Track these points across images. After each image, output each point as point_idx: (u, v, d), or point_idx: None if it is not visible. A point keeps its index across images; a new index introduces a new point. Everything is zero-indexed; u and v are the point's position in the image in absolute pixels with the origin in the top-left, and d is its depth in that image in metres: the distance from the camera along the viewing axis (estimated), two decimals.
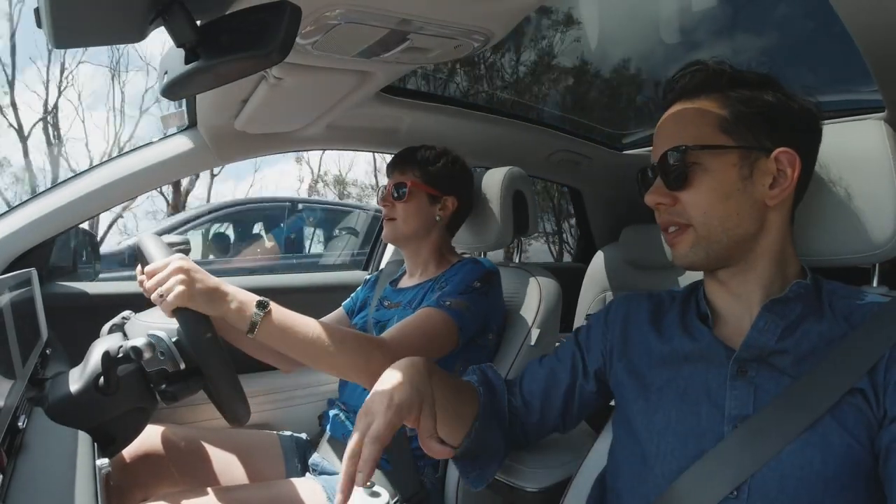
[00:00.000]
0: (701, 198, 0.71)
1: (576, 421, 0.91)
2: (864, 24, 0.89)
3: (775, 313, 0.71)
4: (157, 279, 0.91)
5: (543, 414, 0.88)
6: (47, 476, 0.64)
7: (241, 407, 0.93)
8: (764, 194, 0.70)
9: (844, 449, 0.61)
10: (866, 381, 0.62)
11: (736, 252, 0.72)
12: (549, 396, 0.88)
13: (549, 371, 0.89)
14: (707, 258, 0.73)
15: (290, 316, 0.97)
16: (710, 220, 0.71)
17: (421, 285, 1.32)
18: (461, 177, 1.38)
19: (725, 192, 0.70)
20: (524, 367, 0.94)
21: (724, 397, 0.70)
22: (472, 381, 0.88)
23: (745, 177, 0.70)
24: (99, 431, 0.85)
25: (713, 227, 0.71)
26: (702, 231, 0.71)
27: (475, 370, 0.90)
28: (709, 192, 0.70)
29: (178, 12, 0.59)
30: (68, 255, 1.68)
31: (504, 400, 0.88)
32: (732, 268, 0.74)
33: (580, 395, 0.87)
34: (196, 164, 1.61)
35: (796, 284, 0.72)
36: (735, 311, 0.76)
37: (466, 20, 0.95)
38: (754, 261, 0.73)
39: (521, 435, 0.91)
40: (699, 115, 0.72)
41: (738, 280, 0.75)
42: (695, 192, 0.71)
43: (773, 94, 0.72)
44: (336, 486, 1.13)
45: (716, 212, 0.70)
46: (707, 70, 0.74)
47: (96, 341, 0.97)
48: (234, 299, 0.93)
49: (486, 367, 0.92)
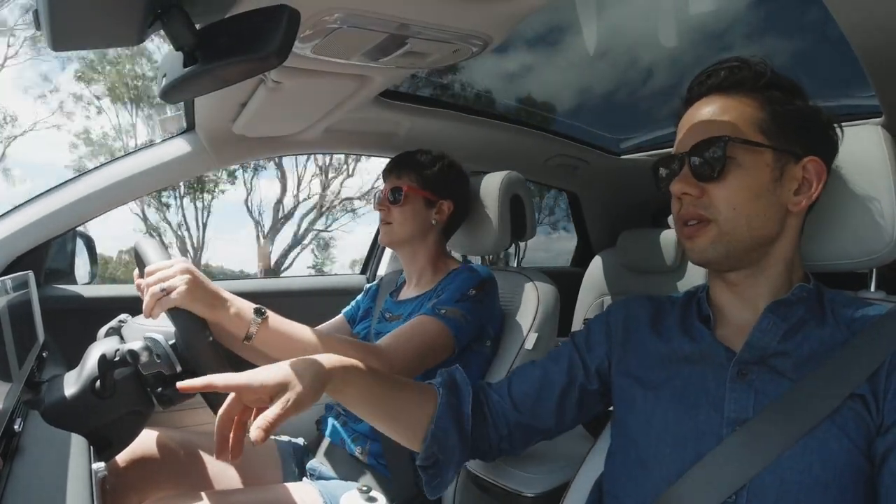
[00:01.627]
0: (732, 193, 0.70)
1: (570, 424, 0.88)
2: (861, 29, 0.90)
3: (778, 315, 0.71)
4: (162, 275, 0.92)
5: (535, 415, 0.86)
6: (43, 479, 0.63)
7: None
8: (788, 199, 0.71)
9: (844, 454, 0.61)
10: (866, 387, 0.62)
11: (754, 253, 0.72)
12: (542, 397, 0.86)
13: (542, 372, 0.87)
14: (726, 256, 0.72)
15: (286, 324, 0.97)
16: (738, 217, 0.70)
17: (420, 298, 1.33)
18: (457, 181, 1.39)
19: (757, 190, 0.70)
20: (514, 371, 0.92)
21: (723, 400, 0.69)
22: (434, 383, 0.86)
23: (775, 178, 0.70)
24: (95, 435, 0.85)
25: (739, 225, 0.70)
26: (726, 227, 0.70)
27: (442, 373, 0.88)
28: (741, 189, 0.70)
29: (177, 15, 0.59)
30: (65, 259, 1.68)
31: (468, 402, 0.84)
32: (744, 270, 0.74)
33: (580, 396, 0.85)
34: (194, 168, 1.61)
35: (799, 287, 0.72)
36: (739, 314, 0.76)
37: (465, 25, 0.96)
38: (767, 265, 0.73)
39: (506, 438, 0.87)
40: (739, 111, 0.72)
41: (748, 283, 0.75)
42: (727, 186, 0.70)
43: (804, 102, 0.73)
44: (334, 492, 1.13)
45: (745, 209, 0.70)
46: (749, 68, 0.73)
47: (93, 345, 0.96)
48: (233, 305, 0.94)
49: (455, 370, 0.89)
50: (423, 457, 0.81)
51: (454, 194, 1.37)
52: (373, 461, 1.24)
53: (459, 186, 1.39)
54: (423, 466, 0.81)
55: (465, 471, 1.25)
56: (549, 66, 1.85)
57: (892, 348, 0.63)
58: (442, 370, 0.89)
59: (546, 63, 1.86)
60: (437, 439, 0.80)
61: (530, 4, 0.92)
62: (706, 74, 0.76)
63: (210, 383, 0.69)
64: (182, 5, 0.59)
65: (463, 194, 1.41)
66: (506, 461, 1.21)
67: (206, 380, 0.70)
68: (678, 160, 0.75)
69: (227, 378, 0.69)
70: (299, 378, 0.69)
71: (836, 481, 0.61)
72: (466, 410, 0.83)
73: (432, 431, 0.80)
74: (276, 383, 0.68)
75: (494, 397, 0.87)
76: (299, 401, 0.67)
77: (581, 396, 0.85)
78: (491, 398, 0.87)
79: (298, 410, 0.67)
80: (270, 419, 0.64)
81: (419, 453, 0.81)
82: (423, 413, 0.82)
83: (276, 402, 0.66)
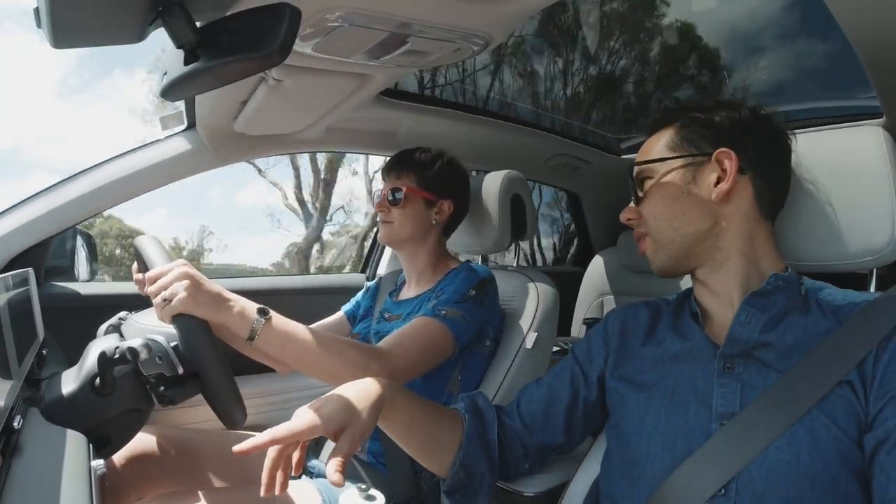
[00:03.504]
0: (652, 205, 0.79)
1: (581, 436, 0.89)
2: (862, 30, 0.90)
3: (756, 306, 0.73)
4: (162, 283, 0.91)
5: (546, 432, 0.87)
6: (42, 477, 0.63)
7: (238, 409, 0.93)
8: (710, 192, 0.75)
9: (832, 443, 0.61)
10: (855, 373, 0.63)
11: (696, 250, 0.77)
12: (551, 415, 0.86)
13: (547, 389, 0.88)
14: (670, 260, 0.79)
15: (289, 324, 0.97)
16: (661, 223, 0.78)
17: (419, 297, 1.32)
18: (457, 179, 1.38)
19: (672, 195, 0.78)
20: (520, 391, 0.92)
21: (711, 395, 0.71)
22: (458, 408, 0.87)
23: (688, 181, 0.77)
24: (94, 432, 0.85)
25: (664, 230, 0.78)
26: (656, 235, 0.79)
27: (465, 398, 0.89)
28: (658, 199, 0.79)
29: (179, 13, 0.59)
30: (65, 256, 1.68)
31: (493, 428, 0.86)
32: (704, 267, 0.78)
33: (584, 408, 0.86)
34: (195, 166, 1.61)
35: (774, 277, 0.73)
36: (719, 309, 0.78)
37: (466, 24, 0.96)
38: (723, 259, 0.76)
39: (523, 459, 0.88)
40: (654, 142, 0.82)
41: (714, 278, 0.78)
42: (648, 201, 0.80)
43: (722, 112, 0.79)
44: (333, 491, 1.13)
45: (664, 214, 0.78)
46: (666, 109, 0.84)
47: (92, 342, 0.96)
48: (236, 306, 0.93)
49: (477, 395, 0.90)
50: (449, 483, 0.82)
51: (454, 193, 1.37)
52: (372, 460, 1.24)
53: (459, 185, 1.39)
54: (449, 492, 0.83)
55: None
56: None
57: (880, 335, 0.64)
58: (463, 395, 0.90)
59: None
60: (465, 466, 0.82)
61: (531, 4, 0.92)
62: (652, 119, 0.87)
63: (274, 439, 0.67)
64: (183, 3, 0.59)
65: (463, 192, 1.40)
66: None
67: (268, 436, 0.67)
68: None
69: (291, 429, 0.67)
70: (360, 412, 0.71)
71: (824, 470, 0.61)
72: (493, 437, 0.85)
73: (461, 459, 0.81)
74: (340, 424, 0.69)
75: (507, 421, 0.88)
76: (363, 433, 0.69)
77: (585, 408, 0.86)
78: (504, 423, 0.88)
79: (362, 441, 0.70)
80: (343, 459, 0.65)
81: (446, 479, 0.82)
82: (453, 439, 0.83)
83: (343, 440, 0.67)
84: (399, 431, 0.80)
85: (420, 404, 0.82)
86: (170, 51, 0.66)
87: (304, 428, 0.67)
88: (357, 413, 0.70)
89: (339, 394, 0.73)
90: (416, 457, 0.84)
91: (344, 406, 0.71)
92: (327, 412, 0.69)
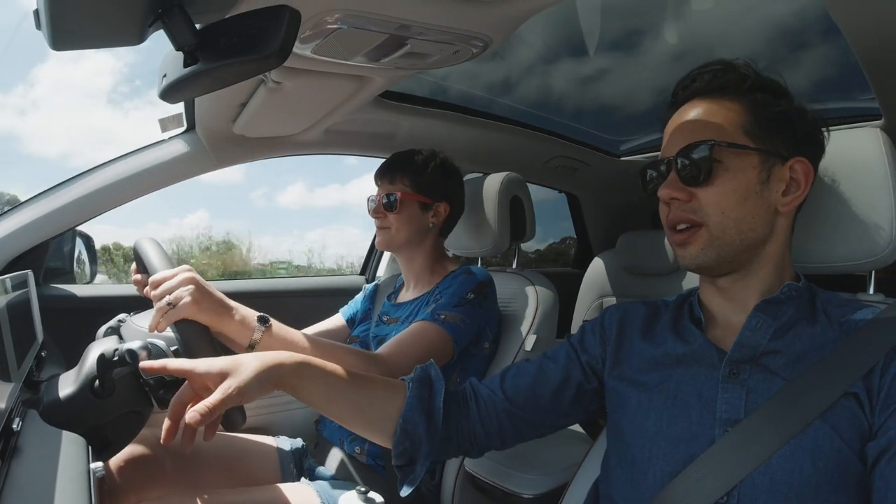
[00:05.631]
0: (721, 196, 0.70)
1: (564, 421, 0.87)
2: (861, 32, 0.90)
3: (767, 313, 0.71)
4: (166, 287, 0.91)
5: (527, 408, 0.85)
6: (41, 479, 0.63)
7: (238, 411, 0.93)
8: (777, 200, 0.71)
9: (835, 455, 0.61)
10: (861, 385, 0.62)
11: (744, 256, 0.72)
12: (536, 392, 0.85)
13: (537, 368, 0.87)
14: (717, 260, 0.72)
15: (289, 332, 0.98)
16: (727, 221, 0.70)
17: (418, 300, 1.32)
18: (451, 180, 1.37)
19: (744, 193, 0.70)
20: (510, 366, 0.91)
21: (715, 400, 0.69)
22: (405, 378, 0.86)
23: (762, 181, 0.70)
24: (94, 434, 0.85)
25: (728, 228, 0.70)
26: (716, 231, 0.70)
27: (417, 369, 0.87)
28: (729, 192, 0.70)
29: (178, 15, 0.59)
30: (65, 258, 1.68)
31: (440, 397, 0.83)
32: (735, 274, 0.74)
33: (576, 394, 0.85)
34: (194, 168, 1.61)
35: (787, 286, 0.72)
36: (729, 314, 0.76)
37: (465, 26, 0.96)
38: (758, 267, 0.73)
39: (497, 433, 0.85)
40: (724, 115, 0.72)
41: (738, 287, 0.75)
42: (715, 189, 0.70)
43: (789, 103, 0.73)
44: (332, 493, 1.13)
45: (733, 213, 0.70)
46: (733, 71, 0.74)
47: (92, 344, 0.96)
48: (238, 313, 0.95)
49: (429, 366, 0.88)
50: (396, 453, 0.80)
51: (449, 195, 1.36)
52: (371, 461, 1.24)
53: (454, 185, 1.38)
54: (399, 465, 0.81)
55: (463, 472, 1.25)
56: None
57: (887, 347, 0.63)
58: (417, 366, 0.88)
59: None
60: (406, 433, 0.80)
61: (531, 6, 0.92)
62: (691, 79, 0.76)
63: (165, 366, 0.73)
64: (183, 5, 0.59)
65: (458, 193, 1.40)
66: (504, 463, 1.21)
67: (161, 362, 0.73)
68: (665, 164, 0.75)
69: (179, 363, 0.73)
70: (243, 368, 0.71)
71: (827, 482, 0.61)
72: (438, 404, 0.82)
73: (400, 425, 0.80)
74: (219, 371, 0.70)
75: (484, 391, 0.87)
76: (241, 390, 0.69)
77: (577, 394, 0.85)
78: (480, 392, 0.87)
79: (240, 400, 0.69)
80: (209, 405, 0.66)
81: (393, 450, 0.80)
82: (393, 408, 0.81)
83: (217, 390, 0.68)
84: (318, 401, 0.78)
85: (343, 374, 0.80)
86: (169, 53, 0.66)
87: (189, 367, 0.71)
88: (243, 369, 0.71)
89: (235, 356, 0.74)
90: (356, 428, 0.82)
91: (234, 360, 0.72)
92: (211, 363, 0.71)
